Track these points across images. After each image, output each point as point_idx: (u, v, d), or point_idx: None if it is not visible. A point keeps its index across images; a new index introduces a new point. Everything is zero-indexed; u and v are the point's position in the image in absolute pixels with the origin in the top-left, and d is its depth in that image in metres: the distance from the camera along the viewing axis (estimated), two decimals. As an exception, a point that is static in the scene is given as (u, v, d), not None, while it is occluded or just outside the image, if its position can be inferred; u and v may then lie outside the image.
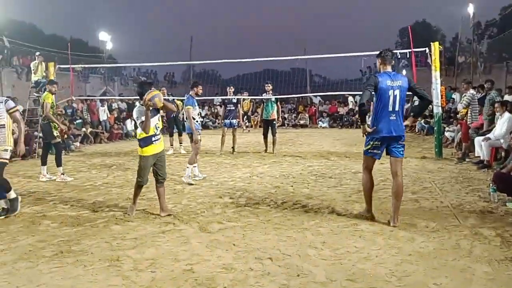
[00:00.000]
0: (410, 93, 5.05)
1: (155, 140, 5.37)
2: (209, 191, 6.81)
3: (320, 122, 22.59)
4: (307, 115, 23.50)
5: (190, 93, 7.95)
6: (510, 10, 25.41)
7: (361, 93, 5.26)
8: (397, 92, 4.71)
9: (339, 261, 3.79)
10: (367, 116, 4.97)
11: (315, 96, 25.05)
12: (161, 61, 14.52)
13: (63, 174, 8.11)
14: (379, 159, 4.99)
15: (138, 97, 5.44)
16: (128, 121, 18.02)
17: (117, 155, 11.96)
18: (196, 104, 7.79)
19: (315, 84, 36.99)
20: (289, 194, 6.50)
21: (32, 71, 13.30)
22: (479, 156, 8.77)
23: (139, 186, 5.48)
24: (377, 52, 5.00)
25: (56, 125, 8.16)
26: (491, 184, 5.83)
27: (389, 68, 4.87)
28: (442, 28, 45.12)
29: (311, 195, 6.37)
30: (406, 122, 5.07)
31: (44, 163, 8.19)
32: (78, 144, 14.10)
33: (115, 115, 18.12)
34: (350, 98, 23.74)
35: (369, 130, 4.83)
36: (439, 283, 3.31)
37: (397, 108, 4.75)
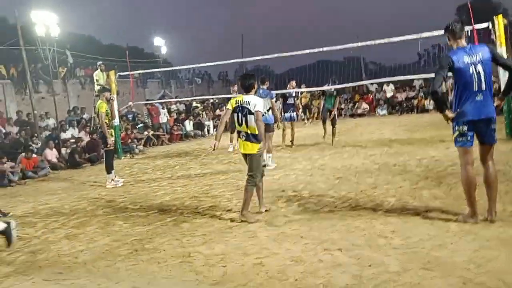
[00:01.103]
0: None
1: None
2: (272, 185, 6.82)
3: (378, 110, 21.98)
4: (364, 103, 22.94)
5: (263, 87, 8.60)
6: None
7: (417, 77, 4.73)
8: (479, 67, 4.05)
9: (412, 249, 3.67)
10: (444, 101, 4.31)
11: (371, 84, 24.37)
12: (214, 61, 14.72)
13: (113, 180, 8.27)
14: (471, 146, 4.21)
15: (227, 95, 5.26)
16: (187, 122, 18.51)
17: (179, 156, 12.31)
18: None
19: (370, 72, 36.11)
20: (353, 184, 6.38)
21: (95, 81, 14.00)
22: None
23: (254, 186, 5.18)
24: (436, 32, 4.51)
25: (111, 132, 8.30)
26: None
27: (463, 42, 4.22)
28: (504, 1, 42.27)
29: (376, 184, 6.22)
30: (496, 103, 4.27)
31: (108, 171, 8.36)
32: (141, 147, 14.68)
33: (174, 117, 18.70)
34: (417, 82, 22.89)
35: (451, 115, 4.18)
36: (525, 269, 3.11)
37: (483, 87, 4.07)
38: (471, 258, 3.38)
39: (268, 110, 8.07)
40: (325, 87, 11.75)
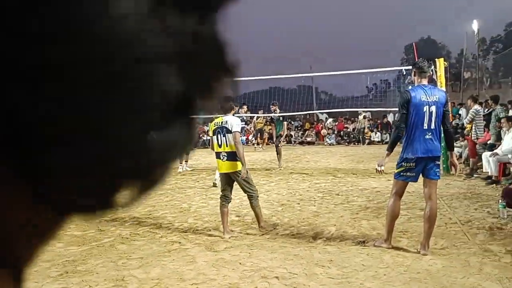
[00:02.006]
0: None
1: None
2: (215, 209, 6.77)
3: (327, 139, 22.57)
4: (314, 132, 23.51)
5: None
6: (515, 25, 25.51)
7: (365, 109, 5.11)
8: (433, 108, 4.27)
9: (347, 279, 3.75)
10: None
11: (322, 113, 25.08)
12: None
13: None
14: (415, 181, 4.51)
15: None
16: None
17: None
18: None
19: (321, 102, 37.16)
20: (296, 211, 6.46)
21: None
22: (487, 172, 8.70)
23: (257, 198, 5.35)
24: (384, 69, 4.89)
25: None
26: (500, 200, 5.77)
27: (424, 81, 4.44)
28: (447, 44, 45.35)
29: (318, 213, 6.33)
30: (455, 160, 4.57)
31: None
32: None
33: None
34: (362, 115, 23.79)
35: (380, 168, 4.58)
36: (449, 301, 3.26)
37: (433, 126, 4.30)
38: (401, 290, 3.49)
39: None
40: (272, 114, 12.02)
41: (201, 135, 21.09)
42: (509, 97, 17.67)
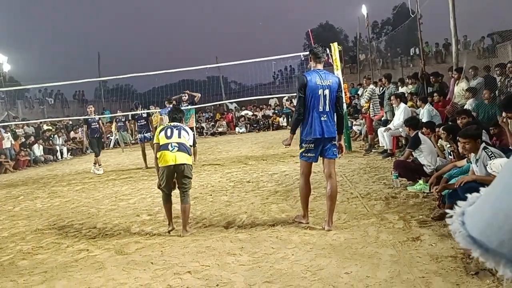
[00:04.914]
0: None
1: None
2: (126, 210, 6.60)
3: (237, 128, 22.85)
4: (224, 122, 23.66)
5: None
6: (399, 8, 27.60)
7: (271, 96, 5.22)
8: (326, 91, 4.52)
9: (257, 264, 3.86)
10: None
11: (231, 102, 25.30)
12: (68, 79, 13.86)
13: None
14: (315, 161, 4.75)
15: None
16: (36, 146, 16.90)
17: (25, 184, 11.15)
18: None
19: (231, 91, 37.37)
20: (208, 203, 6.50)
21: None
22: (383, 146, 9.41)
23: None
24: (285, 56, 4.98)
25: None
26: (393, 171, 6.28)
27: (319, 66, 4.70)
28: (344, 28, 47.73)
29: (230, 202, 6.42)
30: (342, 144, 4.89)
31: None
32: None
33: (21, 141, 16.92)
34: (272, 101, 24.44)
35: (288, 143, 4.78)
36: (350, 271, 3.49)
37: (327, 109, 4.56)
38: (308, 267, 3.68)
39: None
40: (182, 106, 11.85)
41: (108, 135, 20.24)
42: (399, 76, 19.19)
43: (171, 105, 11.23)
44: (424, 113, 8.26)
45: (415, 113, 8.82)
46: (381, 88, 11.85)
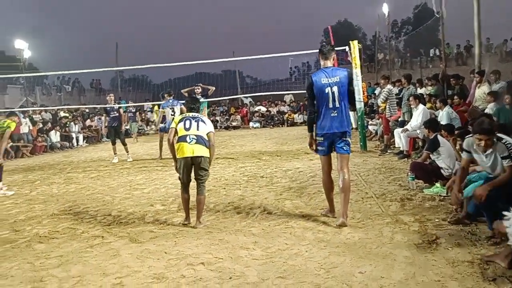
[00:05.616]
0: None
1: None
2: (140, 200, 6.65)
3: (251, 123, 22.84)
4: (239, 116, 23.67)
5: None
6: (421, 8, 27.22)
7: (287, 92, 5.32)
8: (335, 88, 4.63)
9: (271, 259, 3.86)
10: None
11: (246, 97, 25.29)
12: (86, 68, 14.00)
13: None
14: (325, 154, 4.85)
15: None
16: (53, 133, 17.13)
17: (41, 169, 11.32)
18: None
19: (246, 86, 37.36)
20: (222, 196, 6.51)
21: None
22: (399, 147, 9.32)
23: None
24: (302, 52, 5.08)
25: None
26: (409, 173, 6.22)
27: (328, 63, 4.79)
28: (363, 27, 47.28)
29: (243, 196, 6.42)
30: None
31: None
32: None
33: (38, 127, 17.16)
34: (287, 97, 24.41)
35: (311, 140, 4.93)
36: (364, 271, 3.47)
37: (337, 105, 4.66)
38: (322, 265, 3.67)
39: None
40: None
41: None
42: (418, 76, 18.96)
43: (171, 98, 11.15)
44: (444, 116, 8.15)
45: (434, 115, 8.71)
46: (398, 88, 11.71)
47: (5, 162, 8.18)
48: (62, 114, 20.47)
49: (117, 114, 11.76)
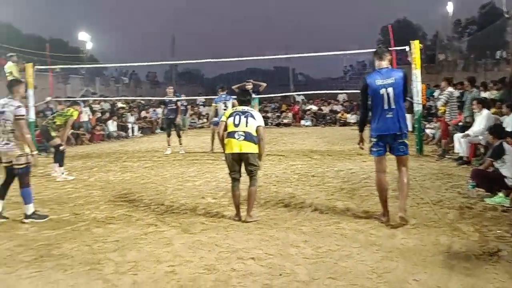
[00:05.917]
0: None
1: None
2: (192, 191, 6.78)
3: (303, 121, 22.69)
4: (290, 114, 23.59)
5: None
6: (488, 7, 25.85)
7: (341, 91, 5.32)
8: (390, 89, 4.62)
9: (321, 259, 3.82)
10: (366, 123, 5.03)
11: (298, 94, 25.15)
12: (142, 60, 14.48)
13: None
14: (380, 155, 4.83)
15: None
16: (110, 122, 17.84)
17: (99, 157, 11.83)
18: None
19: (298, 83, 37.17)
20: (272, 193, 6.51)
21: (8, 73, 12.92)
22: (459, 153, 8.92)
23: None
24: (359, 51, 5.08)
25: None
26: (469, 181, 5.94)
27: (384, 64, 4.78)
28: (423, 26, 45.60)
29: (294, 194, 6.39)
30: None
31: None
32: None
33: (97, 116, 17.94)
34: (340, 96, 24.09)
35: (361, 140, 5.07)
36: (419, 279, 3.36)
37: (393, 106, 4.65)
38: (374, 268, 3.58)
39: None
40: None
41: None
42: (482, 80, 18.05)
43: (224, 93, 10.89)
44: (510, 122, 7.70)
45: (499, 120, 8.26)
46: (460, 91, 11.19)
47: (66, 148, 8.59)
48: (119, 104, 21.28)
49: (175, 107, 12.07)
